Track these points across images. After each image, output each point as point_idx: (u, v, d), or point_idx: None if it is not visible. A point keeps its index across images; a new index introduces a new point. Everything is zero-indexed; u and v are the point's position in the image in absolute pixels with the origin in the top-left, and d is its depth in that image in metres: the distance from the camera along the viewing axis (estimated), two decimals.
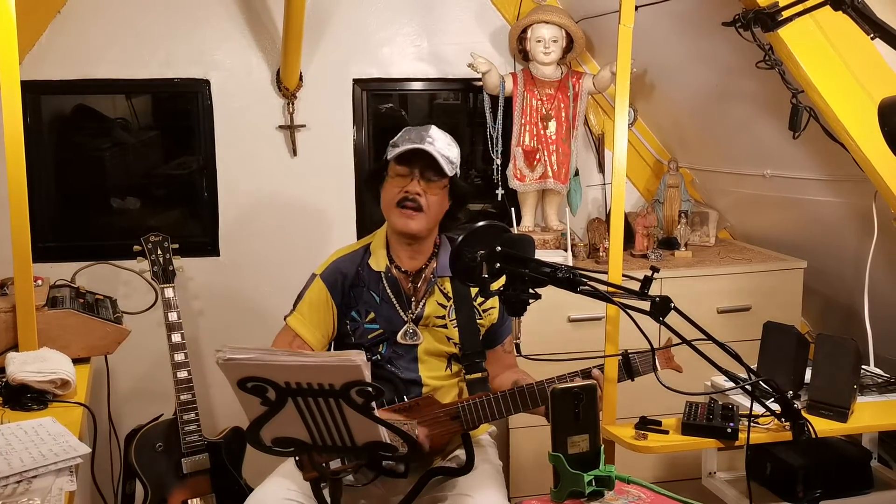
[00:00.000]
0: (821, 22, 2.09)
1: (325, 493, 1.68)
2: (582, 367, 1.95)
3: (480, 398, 1.97)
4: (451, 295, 2.10)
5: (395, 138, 2.09)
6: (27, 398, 1.94)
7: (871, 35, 1.72)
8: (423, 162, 2.02)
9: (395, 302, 2.09)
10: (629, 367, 1.97)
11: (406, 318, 2.08)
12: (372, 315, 2.08)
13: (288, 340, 2.09)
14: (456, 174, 2.09)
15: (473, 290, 2.10)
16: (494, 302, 2.12)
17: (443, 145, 2.04)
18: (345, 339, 2.12)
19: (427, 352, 2.09)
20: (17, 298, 2.09)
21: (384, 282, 2.09)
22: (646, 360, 1.98)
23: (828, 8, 1.79)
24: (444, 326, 2.10)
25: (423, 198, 2.03)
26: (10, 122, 2.00)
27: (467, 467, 1.99)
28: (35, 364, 1.99)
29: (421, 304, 2.10)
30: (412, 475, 2.00)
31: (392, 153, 2.05)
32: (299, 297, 2.14)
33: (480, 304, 2.12)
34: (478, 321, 2.12)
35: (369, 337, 2.08)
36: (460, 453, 2.06)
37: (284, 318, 2.13)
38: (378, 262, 2.11)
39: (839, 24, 1.86)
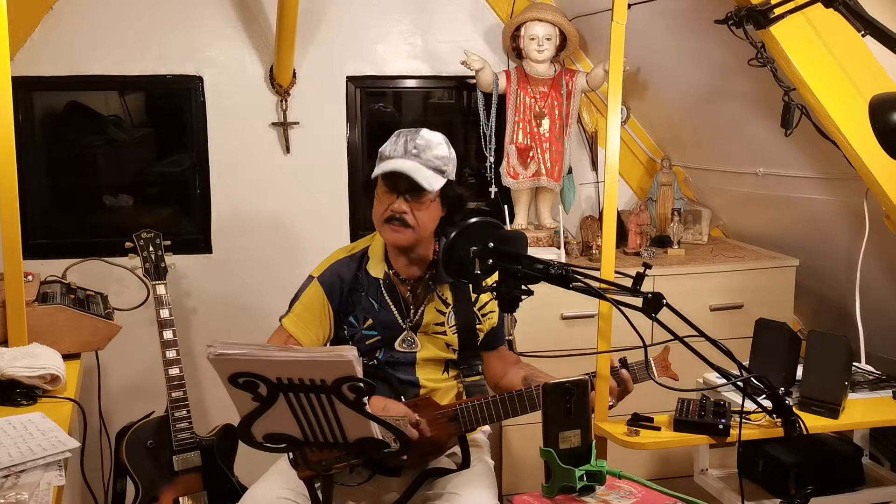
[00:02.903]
0: (812, 19, 2.09)
1: (320, 492, 1.68)
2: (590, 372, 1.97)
3: (479, 401, 1.96)
4: (450, 302, 2.08)
5: (385, 145, 2.00)
6: (16, 393, 1.92)
7: (862, 32, 1.73)
8: (406, 181, 1.94)
9: (393, 309, 2.06)
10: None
11: (405, 326, 2.06)
12: (370, 321, 2.05)
13: (282, 340, 2.07)
14: (449, 180, 2.00)
15: (474, 296, 2.08)
16: (493, 306, 2.09)
17: (430, 156, 1.95)
18: (341, 344, 2.09)
19: (425, 359, 2.08)
20: (7, 293, 2.08)
21: (382, 289, 2.06)
22: (643, 368, 2.00)
23: (819, 5, 1.80)
24: (444, 333, 2.08)
25: (409, 215, 1.96)
26: (1, 118, 1.99)
27: (463, 468, 1.99)
28: (25, 359, 1.98)
29: (420, 311, 2.07)
30: (407, 473, 2.00)
31: (377, 169, 1.97)
32: (295, 297, 2.11)
33: (480, 310, 2.10)
34: (477, 326, 2.10)
35: (367, 343, 2.05)
36: (456, 450, 2.05)
37: (280, 319, 2.11)
38: (376, 268, 2.08)
39: (830, 21, 1.87)
